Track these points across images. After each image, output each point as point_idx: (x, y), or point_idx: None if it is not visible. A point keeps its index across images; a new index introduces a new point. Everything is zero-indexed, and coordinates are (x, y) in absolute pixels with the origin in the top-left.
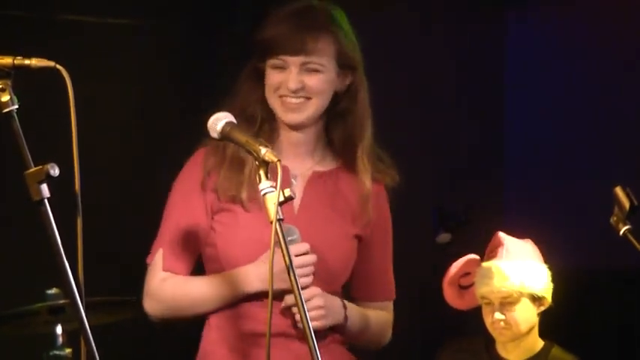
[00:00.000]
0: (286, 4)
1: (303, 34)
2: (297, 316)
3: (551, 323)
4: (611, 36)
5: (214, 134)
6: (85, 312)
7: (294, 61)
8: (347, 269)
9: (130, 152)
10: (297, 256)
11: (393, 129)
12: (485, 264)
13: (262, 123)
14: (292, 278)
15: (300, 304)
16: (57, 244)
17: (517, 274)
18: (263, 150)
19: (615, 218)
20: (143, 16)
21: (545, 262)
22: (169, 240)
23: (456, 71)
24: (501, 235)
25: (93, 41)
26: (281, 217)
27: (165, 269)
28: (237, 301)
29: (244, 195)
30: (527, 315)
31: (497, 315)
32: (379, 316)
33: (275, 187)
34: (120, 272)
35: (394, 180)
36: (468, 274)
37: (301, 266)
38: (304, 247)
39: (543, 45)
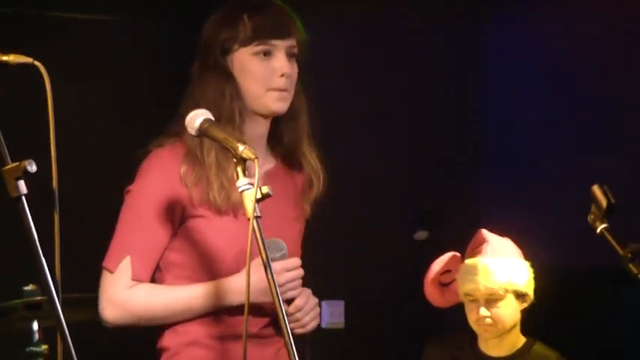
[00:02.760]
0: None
1: (287, 18)
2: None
3: (528, 321)
4: (596, 37)
5: (192, 131)
6: (62, 308)
7: (283, 44)
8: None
9: (111, 148)
10: (288, 271)
11: (372, 128)
12: (469, 261)
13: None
14: (273, 287)
15: (281, 315)
16: (34, 241)
17: (503, 271)
18: (241, 147)
19: (592, 216)
20: (127, 13)
21: (525, 259)
22: (138, 248)
23: (435, 70)
24: (484, 232)
25: (77, 38)
26: (258, 214)
27: (134, 278)
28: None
29: (234, 199)
30: (511, 311)
31: (483, 311)
32: None
33: (252, 184)
34: (97, 269)
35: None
36: (448, 271)
37: (292, 280)
38: (296, 262)
39: (524, 44)
